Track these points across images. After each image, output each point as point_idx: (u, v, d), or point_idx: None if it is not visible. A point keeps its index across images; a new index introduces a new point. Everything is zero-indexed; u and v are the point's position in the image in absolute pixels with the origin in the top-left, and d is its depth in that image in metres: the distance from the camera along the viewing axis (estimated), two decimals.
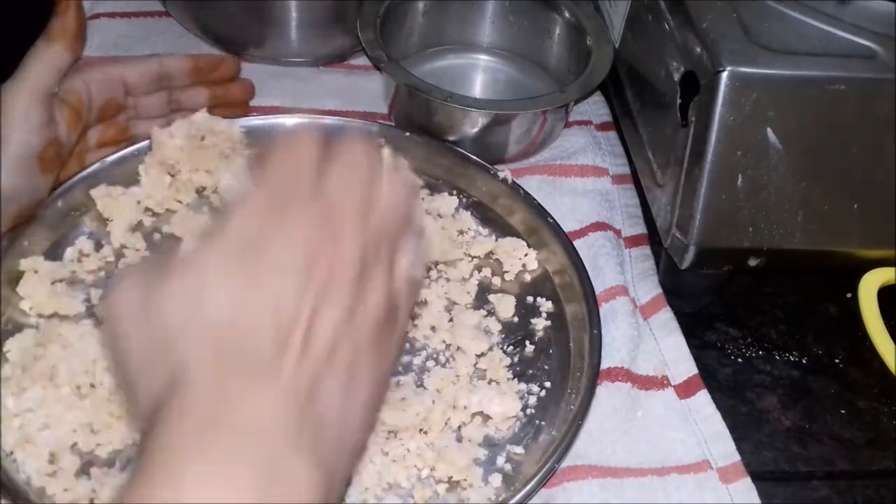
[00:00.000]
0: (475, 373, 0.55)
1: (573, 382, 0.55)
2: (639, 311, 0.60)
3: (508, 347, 0.57)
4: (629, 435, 0.54)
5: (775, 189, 0.55)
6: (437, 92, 0.65)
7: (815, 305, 0.63)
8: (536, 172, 0.67)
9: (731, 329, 0.61)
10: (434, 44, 0.77)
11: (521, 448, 0.52)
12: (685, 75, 0.57)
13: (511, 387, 0.54)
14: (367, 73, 0.75)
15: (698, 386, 0.56)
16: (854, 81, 0.53)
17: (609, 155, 0.70)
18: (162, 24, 0.76)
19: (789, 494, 0.53)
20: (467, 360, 0.55)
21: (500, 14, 0.76)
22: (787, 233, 0.56)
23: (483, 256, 0.61)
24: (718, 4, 0.57)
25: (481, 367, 0.55)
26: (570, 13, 0.73)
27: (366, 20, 0.69)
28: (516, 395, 0.53)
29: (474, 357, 0.55)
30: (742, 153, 0.54)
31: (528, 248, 0.61)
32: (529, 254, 0.61)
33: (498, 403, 0.53)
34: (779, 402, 0.58)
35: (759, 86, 0.52)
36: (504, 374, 0.55)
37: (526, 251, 0.61)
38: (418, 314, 0.57)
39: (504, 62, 0.77)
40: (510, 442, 0.52)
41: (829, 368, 0.60)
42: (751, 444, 0.55)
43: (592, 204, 0.66)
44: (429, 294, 0.58)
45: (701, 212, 0.55)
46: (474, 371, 0.55)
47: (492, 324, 0.58)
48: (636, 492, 0.51)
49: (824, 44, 0.55)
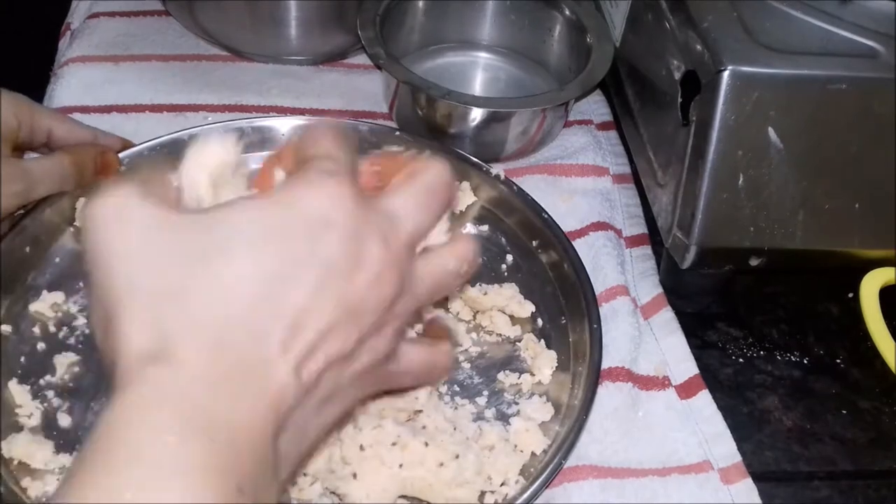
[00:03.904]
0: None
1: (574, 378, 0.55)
2: (640, 310, 0.60)
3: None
4: (630, 435, 0.54)
5: (776, 188, 0.55)
6: (436, 89, 0.64)
7: (817, 305, 0.63)
8: (536, 171, 0.67)
9: (732, 329, 0.61)
10: (434, 42, 0.76)
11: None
12: (686, 74, 0.56)
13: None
14: (367, 71, 0.75)
15: (699, 386, 0.56)
16: (855, 81, 0.53)
17: (610, 154, 0.70)
18: (162, 24, 0.76)
19: (790, 495, 0.53)
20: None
21: (500, 12, 0.76)
22: (788, 232, 0.56)
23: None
24: (719, 4, 0.56)
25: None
26: (571, 11, 0.72)
27: (366, 18, 0.69)
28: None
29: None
30: (743, 152, 0.53)
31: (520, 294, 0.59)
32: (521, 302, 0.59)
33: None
34: (780, 403, 0.57)
35: (760, 85, 0.52)
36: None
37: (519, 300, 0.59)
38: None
39: (504, 60, 0.77)
40: None
41: (831, 368, 0.60)
42: (752, 445, 0.55)
43: (593, 203, 0.66)
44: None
45: (702, 211, 0.55)
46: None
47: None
48: (637, 492, 0.51)
49: (825, 43, 0.55)
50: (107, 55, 0.73)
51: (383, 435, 0.47)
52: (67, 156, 0.55)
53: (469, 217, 0.64)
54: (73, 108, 0.68)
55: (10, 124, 0.53)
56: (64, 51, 0.74)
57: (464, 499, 0.48)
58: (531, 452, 0.51)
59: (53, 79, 0.72)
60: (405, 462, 0.47)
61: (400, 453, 0.47)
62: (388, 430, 0.47)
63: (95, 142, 0.59)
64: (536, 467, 0.50)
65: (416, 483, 0.47)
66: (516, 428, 0.52)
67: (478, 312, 0.58)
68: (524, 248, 0.62)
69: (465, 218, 0.64)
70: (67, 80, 0.71)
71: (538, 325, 0.58)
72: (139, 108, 0.69)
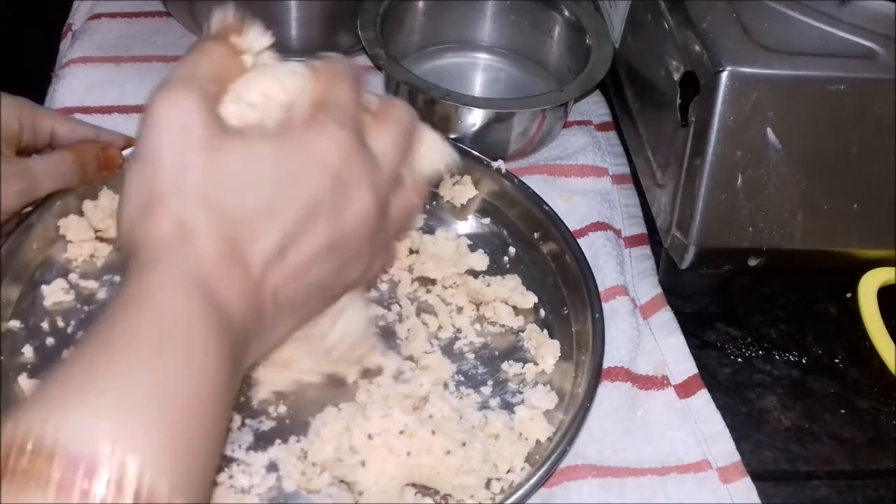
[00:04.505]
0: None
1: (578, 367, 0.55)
2: (639, 310, 0.60)
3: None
4: (629, 434, 0.54)
5: (775, 189, 0.55)
6: (436, 90, 0.65)
7: (815, 305, 0.63)
8: (536, 172, 0.68)
9: (731, 329, 0.61)
10: (434, 42, 0.77)
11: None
12: (685, 75, 0.57)
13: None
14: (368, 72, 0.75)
15: (698, 386, 0.56)
16: (854, 82, 0.53)
17: (609, 155, 0.70)
18: (162, 24, 0.77)
19: (789, 494, 0.53)
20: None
21: (500, 13, 0.76)
22: (786, 233, 0.56)
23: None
24: (718, 4, 0.57)
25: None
26: (571, 12, 0.73)
27: (366, 19, 0.69)
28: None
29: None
30: (742, 153, 0.54)
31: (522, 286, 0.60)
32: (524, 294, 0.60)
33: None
34: (779, 402, 0.58)
35: (759, 86, 0.52)
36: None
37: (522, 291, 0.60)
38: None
39: (504, 61, 0.77)
40: None
41: (829, 368, 0.60)
42: (751, 444, 0.55)
43: (592, 204, 0.66)
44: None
45: (701, 212, 0.55)
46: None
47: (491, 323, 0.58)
48: (636, 491, 0.51)
49: (824, 44, 0.55)
50: (108, 56, 0.73)
51: (391, 423, 0.48)
52: (69, 153, 0.56)
53: (471, 210, 0.64)
54: (74, 109, 0.68)
55: (12, 127, 0.54)
56: (65, 52, 0.75)
57: (471, 486, 0.48)
58: (536, 440, 0.51)
59: (55, 80, 0.72)
60: (413, 450, 0.47)
61: (408, 441, 0.48)
62: (395, 418, 0.48)
63: (98, 139, 0.59)
64: (542, 454, 0.50)
65: (424, 471, 0.48)
66: (521, 416, 0.52)
67: (481, 304, 0.59)
68: (526, 239, 0.62)
69: (468, 211, 0.64)
70: (69, 81, 0.71)
71: (541, 316, 0.59)
72: (140, 109, 0.67)
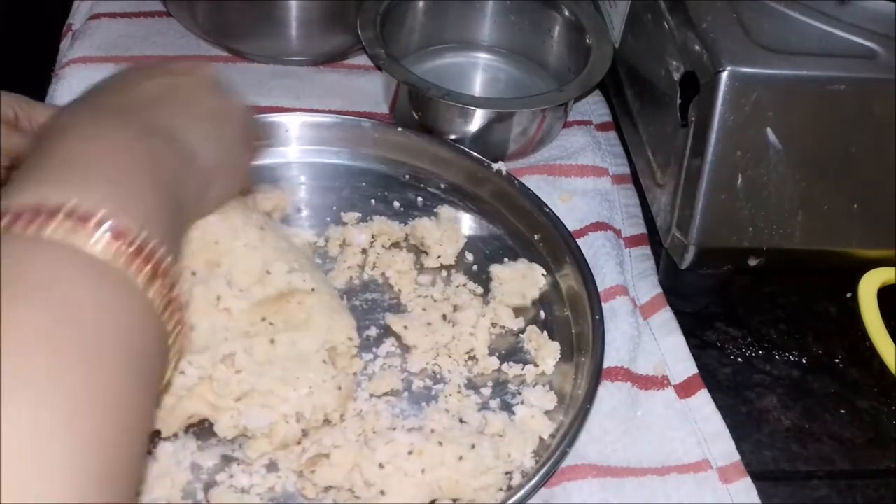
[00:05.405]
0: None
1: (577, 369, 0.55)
2: (639, 310, 0.60)
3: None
4: (629, 434, 0.54)
5: (775, 189, 0.55)
6: (435, 90, 0.65)
7: (815, 305, 0.63)
8: (536, 172, 0.67)
9: (731, 329, 0.61)
10: (434, 42, 0.77)
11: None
12: (685, 75, 0.57)
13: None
14: (368, 72, 0.75)
15: (698, 385, 0.56)
16: (854, 82, 0.53)
17: (609, 155, 0.70)
18: (162, 24, 0.77)
19: (789, 494, 0.53)
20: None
21: (500, 13, 0.76)
22: (786, 233, 0.56)
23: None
24: (718, 4, 0.57)
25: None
26: (570, 12, 0.73)
27: (366, 19, 0.69)
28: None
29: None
30: (742, 153, 0.54)
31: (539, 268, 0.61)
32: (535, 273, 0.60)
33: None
34: (778, 402, 0.58)
35: (759, 86, 0.52)
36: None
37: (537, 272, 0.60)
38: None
39: (504, 61, 0.77)
40: None
41: (829, 368, 0.60)
42: (750, 444, 0.55)
43: (592, 204, 0.66)
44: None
45: (701, 211, 0.55)
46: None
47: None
48: (636, 491, 0.51)
49: (824, 44, 0.55)
50: (108, 56, 0.73)
51: (397, 447, 0.48)
52: None
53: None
54: None
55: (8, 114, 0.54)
56: (65, 52, 0.75)
57: (492, 484, 0.48)
58: (538, 437, 0.52)
59: (55, 80, 0.72)
60: (426, 466, 0.47)
61: (418, 459, 0.48)
62: (400, 440, 0.48)
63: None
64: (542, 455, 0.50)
65: (443, 483, 0.48)
66: (522, 416, 0.53)
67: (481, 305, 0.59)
68: (526, 241, 0.62)
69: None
70: (69, 81, 0.71)
71: (541, 317, 0.59)
72: None
